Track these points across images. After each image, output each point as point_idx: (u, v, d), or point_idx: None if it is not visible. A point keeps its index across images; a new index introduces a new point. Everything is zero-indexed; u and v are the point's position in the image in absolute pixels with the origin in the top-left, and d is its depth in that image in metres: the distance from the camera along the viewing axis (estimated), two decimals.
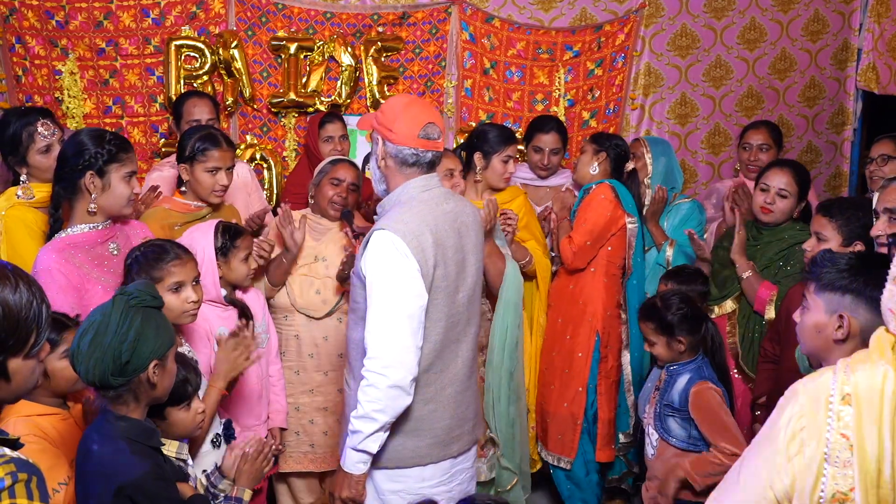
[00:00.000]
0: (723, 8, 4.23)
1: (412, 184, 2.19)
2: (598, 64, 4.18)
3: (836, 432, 1.09)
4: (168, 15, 3.74)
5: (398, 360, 2.06)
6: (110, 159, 2.32)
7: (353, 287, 2.23)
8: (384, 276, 2.09)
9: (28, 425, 1.88)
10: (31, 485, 1.23)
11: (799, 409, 1.15)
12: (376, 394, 2.06)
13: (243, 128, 3.92)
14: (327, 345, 3.03)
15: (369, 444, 2.10)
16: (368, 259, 2.11)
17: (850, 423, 1.08)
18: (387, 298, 2.08)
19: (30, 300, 1.32)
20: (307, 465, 3.08)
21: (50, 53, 3.66)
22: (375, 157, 2.24)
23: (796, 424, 1.14)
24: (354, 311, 2.24)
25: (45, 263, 2.25)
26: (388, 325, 2.07)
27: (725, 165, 4.38)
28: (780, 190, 2.89)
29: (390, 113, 2.18)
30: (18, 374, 1.34)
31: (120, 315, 1.70)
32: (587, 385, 3.19)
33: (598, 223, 3.14)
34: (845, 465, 1.08)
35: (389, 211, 2.19)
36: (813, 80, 4.36)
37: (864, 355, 1.16)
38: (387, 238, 2.09)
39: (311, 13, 3.88)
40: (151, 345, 1.73)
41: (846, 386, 1.11)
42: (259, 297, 2.82)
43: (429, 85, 4.04)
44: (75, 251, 2.31)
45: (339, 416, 3.06)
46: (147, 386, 1.77)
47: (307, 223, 3.03)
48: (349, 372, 2.30)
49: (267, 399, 2.79)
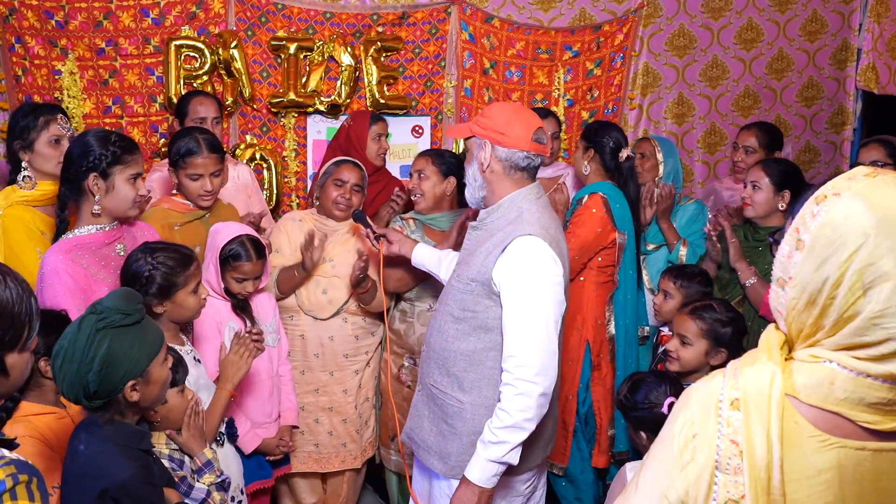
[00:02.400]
0: (720, 8, 4.24)
1: (526, 191, 2.18)
2: (598, 64, 4.19)
3: (726, 439, 1.05)
4: (168, 15, 3.74)
5: (547, 368, 2.05)
6: (114, 161, 2.32)
7: (468, 295, 2.17)
8: (534, 283, 2.06)
9: (26, 426, 1.87)
10: (32, 486, 1.23)
11: (690, 415, 1.11)
12: (528, 402, 2.02)
13: (243, 128, 3.92)
14: (333, 345, 3.04)
15: (513, 456, 2.05)
16: (513, 265, 2.07)
17: (740, 429, 1.05)
18: (536, 305, 2.05)
19: (20, 295, 1.32)
20: (311, 466, 3.09)
21: (49, 53, 3.65)
22: (475, 165, 2.21)
23: (688, 431, 1.10)
24: (464, 321, 2.18)
25: (52, 264, 2.24)
26: (538, 333, 2.04)
27: (721, 165, 4.40)
28: (752, 182, 3.01)
29: (501, 117, 2.17)
30: (15, 369, 1.35)
31: (86, 341, 1.62)
32: (577, 393, 3.16)
33: (588, 239, 3.07)
34: (736, 471, 1.04)
35: (517, 217, 2.14)
36: (811, 80, 4.37)
37: (753, 356, 1.12)
38: (536, 244, 2.07)
39: (310, 13, 3.88)
40: (123, 368, 1.66)
41: (734, 390, 1.07)
42: (270, 299, 2.85)
43: (428, 85, 4.05)
44: (82, 252, 2.30)
45: (345, 416, 3.08)
46: (126, 403, 1.72)
47: (314, 223, 3.06)
48: (453, 383, 2.21)
49: (278, 398, 2.81)
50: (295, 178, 3.97)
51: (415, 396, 2.38)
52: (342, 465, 3.11)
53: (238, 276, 2.59)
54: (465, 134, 2.25)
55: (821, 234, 1.04)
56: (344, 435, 3.10)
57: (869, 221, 1.00)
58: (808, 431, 1.05)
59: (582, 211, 3.10)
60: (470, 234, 2.28)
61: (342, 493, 3.19)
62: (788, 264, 1.08)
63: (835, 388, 1.04)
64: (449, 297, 2.25)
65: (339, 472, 3.15)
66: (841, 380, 1.04)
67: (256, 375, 2.67)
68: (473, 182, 2.24)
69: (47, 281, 2.23)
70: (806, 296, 1.06)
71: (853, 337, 1.03)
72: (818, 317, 1.05)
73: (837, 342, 1.04)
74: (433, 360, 2.27)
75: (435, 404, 2.26)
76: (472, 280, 2.16)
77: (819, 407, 1.05)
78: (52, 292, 2.21)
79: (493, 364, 2.15)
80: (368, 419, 3.18)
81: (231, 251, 2.56)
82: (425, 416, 2.29)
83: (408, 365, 3.06)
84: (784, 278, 1.09)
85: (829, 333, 1.05)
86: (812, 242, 1.04)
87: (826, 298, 1.03)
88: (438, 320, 2.28)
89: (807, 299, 1.06)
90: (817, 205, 1.06)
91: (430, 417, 2.27)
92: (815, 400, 1.05)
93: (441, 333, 2.24)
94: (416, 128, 4.07)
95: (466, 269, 2.19)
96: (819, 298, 1.04)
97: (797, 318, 1.08)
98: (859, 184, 1.04)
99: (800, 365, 1.08)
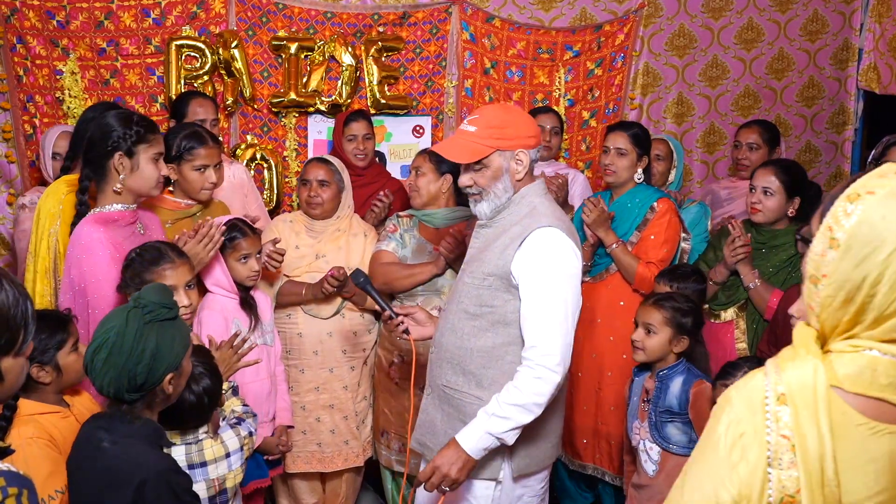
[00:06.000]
0: (720, 8, 4.24)
1: (535, 186, 2.18)
2: (598, 64, 4.19)
3: (776, 434, 1.07)
4: (168, 15, 3.75)
5: (566, 359, 2.06)
6: (139, 140, 2.32)
7: (485, 290, 2.15)
8: (555, 273, 2.06)
9: (35, 427, 1.87)
10: (23, 498, 1.21)
11: (735, 415, 1.11)
12: (544, 388, 2.02)
13: (243, 128, 3.93)
14: (332, 341, 3.06)
15: (510, 436, 2.04)
16: (534, 256, 2.06)
17: (790, 423, 1.06)
18: (559, 295, 2.05)
19: (17, 298, 1.29)
20: (315, 466, 3.10)
21: (51, 53, 3.66)
22: (506, 179, 2.15)
23: (735, 431, 1.10)
24: (481, 317, 2.15)
25: (90, 234, 2.25)
26: (560, 322, 2.04)
27: (720, 164, 4.41)
28: (764, 188, 2.93)
29: (521, 123, 2.16)
30: (10, 373, 1.33)
31: (135, 334, 1.66)
32: None
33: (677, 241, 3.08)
34: (790, 466, 1.06)
35: (531, 211, 2.13)
36: (812, 80, 4.37)
37: (791, 352, 1.13)
38: (556, 235, 2.07)
39: (311, 13, 3.89)
40: (167, 361, 1.71)
41: (779, 386, 1.08)
42: (267, 299, 2.87)
43: (429, 85, 4.05)
44: (114, 225, 2.32)
45: (346, 413, 3.09)
46: (162, 396, 1.76)
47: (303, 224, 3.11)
48: (470, 381, 2.17)
49: (275, 398, 2.83)
50: (296, 178, 3.99)
51: (423, 402, 2.33)
52: (345, 464, 3.12)
53: (239, 256, 2.64)
54: (484, 152, 2.13)
55: (858, 233, 1.05)
56: (346, 432, 3.11)
57: None
58: (856, 420, 1.06)
59: (662, 214, 3.06)
60: (478, 232, 2.25)
61: (341, 493, 3.20)
62: (822, 262, 1.09)
63: (878, 375, 1.06)
64: (461, 295, 2.21)
65: (338, 472, 3.16)
66: (883, 366, 1.06)
67: (257, 375, 2.69)
68: (502, 195, 2.16)
69: (87, 250, 2.24)
70: (843, 293, 1.07)
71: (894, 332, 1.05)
72: (856, 313, 1.07)
73: (878, 335, 1.06)
74: (445, 360, 2.22)
75: (450, 405, 2.21)
76: (488, 275, 2.13)
77: (864, 395, 1.07)
78: (94, 260, 2.23)
79: (512, 359, 2.12)
80: (366, 417, 3.20)
81: (227, 235, 2.61)
82: (438, 420, 2.24)
83: (397, 362, 3.07)
84: (817, 276, 1.10)
85: (868, 328, 1.07)
86: (848, 241, 1.05)
87: (865, 296, 1.05)
88: (450, 320, 2.23)
89: (844, 296, 1.07)
90: (851, 203, 1.07)
91: (445, 420, 2.22)
92: (860, 388, 1.07)
93: (455, 332, 2.20)
94: (416, 128, 4.08)
95: (480, 266, 2.16)
96: (857, 296, 1.06)
97: (833, 315, 1.10)
98: (893, 181, 1.06)
99: (839, 356, 1.10)
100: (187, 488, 1.75)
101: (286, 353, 3.04)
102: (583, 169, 4.19)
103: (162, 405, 1.81)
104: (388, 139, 4.07)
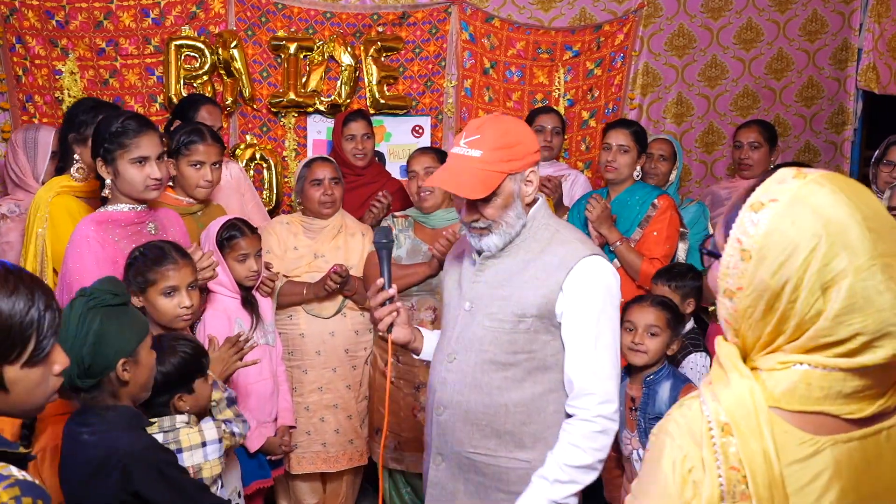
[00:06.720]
0: (720, 8, 4.24)
1: (541, 204, 1.92)
2: (598, 64, 4.19)
3: (726, 468, 1.03)
4: (168, 15, 3.75)
5: (617, 403, 1.83)
6: (116, 146, 2.30)
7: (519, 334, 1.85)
8: (608, 309, 1.83)
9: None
10: None
11: (679, 450, 1.07)
12: (606, 442, 1.80)
13: (243, 128, 3.93)
14: (334, 340, 3.06)
15: (574, 500, 1.82)
16: (585, 291, 1.80)
17: (737, 454, 1.03)
18: (611, 335, 1.83)
19: (27, 305, 1.21)
20: (320, 466, 3.09)
21: (50, 53, 3.66)
22: (518, 204, 1.84)
23: (683, 467, 1.06)
24: (515, 366, 1.85)
25: (82, 232, 2.28)
26: (615, 364, 1.83)
27: (718, 164, 4.41)
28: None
29: (527, 137, 1.85)
30: (18, 385, 1.23)
31: (78, 318, 1.69)
32: None
33: (676, 239, 3.09)
34: (742, 497, 1.03)
35: (553, 236, 1.87)
36: (811, 80, 4.37)
37: (719, 375, 1.09)
38: (604, 267, 1.84)
39: (310, 13, 3.89)
40: (115, 345, 1.71)
41: (720, 415, 1.05)
42: (267, 299, 2.86)
43: (429, 85, 4.05)
44: (113, 226, 2.33)
45: (350, 412, 3.09)
46: (118, 383, 1.75)
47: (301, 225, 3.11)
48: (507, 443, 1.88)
49: (277, 398, 2.83)
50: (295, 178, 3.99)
51: (431, 473, 1.98)
52: (350, 463, 3.12)
53: (239, 256, 2.63)
54: (497, 180, 1.79)
55: (769, 242, 1.03)
56: (350, 431, 3.11)
57: (817, 223, 1.01)
58: (798, 438, 1.05)
59: (664, 211, 3.08)
60: (483, 265, 1.91)
61: (341, 493, 3.20)
62: (735, 274, 1.08)
63: (812, 388, 1.04)
64: (481, 343, 1.87)
65: (339, 472, 3.16)
66: (816, 379, 1.04)
67: (259, 375, 2.69)
68: (515, 223, 1.85)
69: (75, 248, 2.26)
70: (763, 303, 1.05)
71: (819, 338, 1.03)
72: (778, 322, 1.05)
73: (802, 345, 1.05)
74: (469, 423, 1.89)
75: (479, 474, 1.90)
76: (524, 316, 1.83)
77: (801, 411, 1.05)
78: (77, 258, 2.24)
79: (555, 408, 1.86)
80: (366, 416, 3.20)
81: (225, 235, 2.61)
82: (461, 492, 1.93)
83: (393, 362, 3.07)
84: (731, 289, 1.08)
85: (790, 338, 1.05)
86: (761, 251, 1.04)
87: (787, 303, 1.03)
88: (468, 375, 1.89)
89: (764, 306, 1.05)
90: (756, 213, 1.06)
91: (473, 490, 1.92)
92: (797, 405, 1.05)
93: (479, 388, 1.87)
94: (416, 128, 4.08)
95: (506, 305, 1.85)
96: (778, 303, 1.04)
97: (754, 327, 1.08)
98: (793, 186, 1.05)
99: (770, 374, 1.08)
100: (171, 462, 1.77)
101: (289, 355, 3.04)
102: (582, 169, 4.19)
103: (128, 398, 1.79)
104: (388, 139, 4.07)
